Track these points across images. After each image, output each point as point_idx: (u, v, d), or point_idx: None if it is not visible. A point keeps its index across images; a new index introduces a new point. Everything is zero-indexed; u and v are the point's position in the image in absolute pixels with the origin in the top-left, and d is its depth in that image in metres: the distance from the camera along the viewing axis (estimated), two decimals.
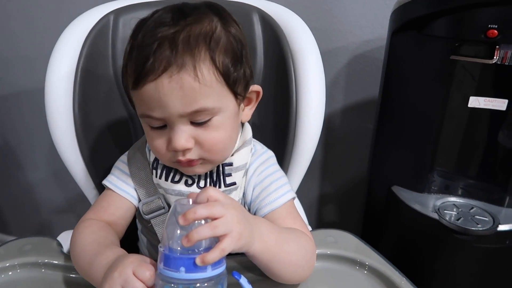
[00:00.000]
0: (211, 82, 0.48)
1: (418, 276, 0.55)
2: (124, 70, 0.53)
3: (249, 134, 0.60)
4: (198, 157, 0.52)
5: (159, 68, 0.46)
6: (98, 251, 0.48)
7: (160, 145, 0.52)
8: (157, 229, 0.59)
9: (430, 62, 0.75)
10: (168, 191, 0.58)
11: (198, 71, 0.47)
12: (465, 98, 0.74)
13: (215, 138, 0.51)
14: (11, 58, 1.29)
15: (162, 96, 0.47)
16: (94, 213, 0.57)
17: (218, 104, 0.50)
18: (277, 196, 0.57)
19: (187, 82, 0.47)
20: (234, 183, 0.57)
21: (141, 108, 0.51)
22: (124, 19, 0.72)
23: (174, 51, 0.46)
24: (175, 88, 0.47)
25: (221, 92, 0.50)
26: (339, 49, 1.03)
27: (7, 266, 0.53)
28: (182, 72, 0.46)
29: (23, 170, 1.50)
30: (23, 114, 1.38)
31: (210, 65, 0.48)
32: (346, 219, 1.24)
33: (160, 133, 0.52)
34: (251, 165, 0.59)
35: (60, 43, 0.69)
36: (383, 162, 0.89)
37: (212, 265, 0.40)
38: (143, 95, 0.48)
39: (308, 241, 0.52)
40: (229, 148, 0.56)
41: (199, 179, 0.58)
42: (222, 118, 0.51)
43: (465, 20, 0.68)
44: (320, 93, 0.71)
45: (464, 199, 0.84)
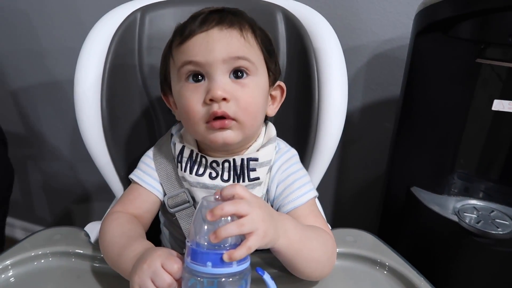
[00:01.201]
0: (253, 44, 0.56)
1: (436, 278, 0.55)
2: (168, 44, 0.59)
3: (273, 132, 0.62)
4: (233, 115, 0.53)
5: (212, 23, 0.53)
6: (126, 243, 0.50)
7: (195, 101, 0.53)
8: (181, 223, 0.60)
9: (455, 64, 0.74)
10: (192, 184, 0.59)
11: (244, 33, 0.54)
12: (489, 101, 0.73)
13: (250, 97, 0.54)
14: (34, 50, 1.32)
15: (210, 41, 0.52)
16: (121, 206, 0.59)
17: (257, 63, 0.55)
18: (300, 194, 0.58)
19: (235, 35, 0.54)
20: (257, 178, 0.58)
21: (183, 57, 0.54)
22: (151, 16, 0.73)
23: (223, 17, 0.54)
24: (224, 37, 0.53)
25: (259, 58, 0.56)
26: (359, 47, 1.03)
27: (39, 254, 0.55)
28: (231, 28, 0.54)
29: (45, 160, 1.53)
30: (45, 105, 1.41)
31: (252, 35, 0.56)
32: (363, 219, 1.24)
33: (197, 88, 0.54)
34: (275, 163, 0.61)
35: (89, 39, 0.70)
36: (403, 162, 0.89)
37: (237, 261, 0.41)
38: (190, 44, 0.53)
39: (329, 239, 0.54)
40: (258, 120, 0.58)
41: (222, 171, 0.58)
42: (257, 81, 0.56)
43: (491, 23, 0.68)
44: (342, 92, 0.71)
45: (485, 202, 0.83)
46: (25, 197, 1.66)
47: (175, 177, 0.61)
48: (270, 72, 0.58)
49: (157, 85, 0.75)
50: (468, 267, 0.81)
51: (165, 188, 0.61)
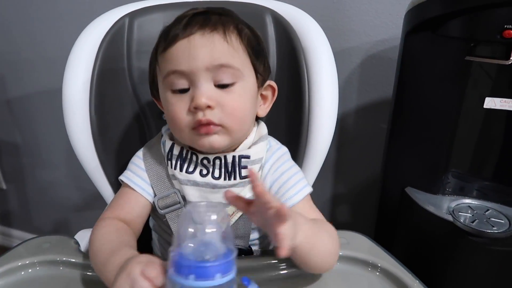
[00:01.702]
0: (238, 48, 0.54)
1: (431, 279, 0.55)
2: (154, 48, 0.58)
3: (264, 130, 0.62)
4: (219, 121, 0.53)
5: (194, 27, 0.52)
6: (112, 252, 0.49)
7: (180, 109, 0.54)
8: (172, 224, 0.60)
9: (445, 62, 0.74)
10: (183, 181, 0.58)
11: (227, 36, 0.53)
12: (481, 99, 0.73)
13: (236, 103, 0.54)
14: (30, 59, 1.32)
15: (192, 49, 0.52)
16: (111, 212, 0.58)
17: (242, 69, 0.54)
18: (296, 190, 0.58)
19: (218, 40, 0.52)
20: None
21: (167, 67, 0.54)
22: (139, 21, 0.73)
23: (207, 20, 0.53)
24: (206, 43, 0.52)
25: (245, 62, 0.55)
26: (352, 49, 1.03)
27: (27, 264, 0.55)
28: (214, 33, 0.52)
29: (41, 169, 1.53)
30: (42, 114, 1.41)
31: (237, 37, 0.54)
32: (359, 220, 1.23)
33: (181, 97, 0.54)
34: (267, 161, 0.60)
35: (77, 45, 0.70)
36: (397, 163, 0.89)
37: (222, 272, 0.39)
38: (173, 51, 0.53)
39: (334, 230, 0.54)
40: (247, 124, 0.58)
41: (213, 169, 0.58)
42: (243, 86, 0.55)
43: (480, 20, 0.67)
44: (332, 93, 0.71)
45: (479, 201, 0.82)
46: (22, 207, 1.66)
47: (165, 177, 0.60)
48: (258, 74, 0.57)
49: (147, 90, 0.74)
50: (464, 266, 0.80)
51: (155, 189, 0.60)
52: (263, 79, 0.59)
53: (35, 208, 1.64)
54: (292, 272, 0.54)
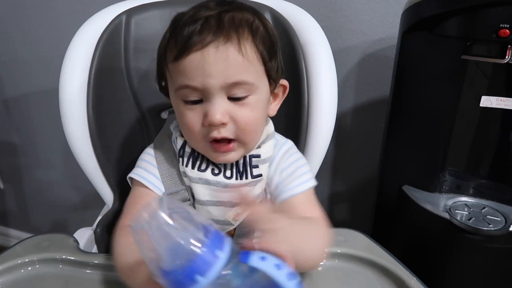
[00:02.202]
0: (253, 59, 0.51)
1: (428, 276, 0.56)
2: (164, 46, 0.54)
3: (271, 127, 0.62)
4: (233, 136, 0.53)
5: (206, 38, 0.49)
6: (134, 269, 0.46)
7: (194, 121, 0.53)
8: None
9: (441, 61, 0.74)
10: (193, 179, 0.58)
11: (242, 46, 0.50)
12: (477, 97, 0.73)
13: (250, 117, 0.53)
14: (27, 59, 1.32)
15: (206, 65, 0.49)
16: (130, 219, 0.57)
17: (256, 82, 0.52)
18: (300, 182, 0.58)
19: (232, 53, 0.50)
20: (260, 174, 0.58)
21: (180, 79, 0.52)
22: (136, 19, 0.73)
23: (221, 26, 0.50)
24: (220, 58, 0.49)
25: (260, 72, 0.53)
26: (350, 48, 1.03)
27: (26, 262, 0.55)
28: (228, 44, 0.49)
29: (38, 169, 1.53)
30: (39, 114, 1.40)
31: (252, 44, 0.51)
32: (356, 218, 1.24)
33: (194, 109, 0.52)
34: (275, 156, 0.61)
35: (74, 44, 0.70)
36: (394, 161, 0.89)
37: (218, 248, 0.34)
38: (186, 64, 0.50)
39: (325, 230, 0.53)
40: (259, 133, 0.58)
41: (225, 168, 0.58)
42: (257, 98, 0.53)
43: (476, 19, 0.68)
44: (332, 91, 0.71)
45: (476, 199, 0.83)
46: (19, 206, 1.65)
47: (176, 174, 0.60)
48: (271, 79, 0.56)
49: (145, 88, 0.75)
50: (460, 264, 0.80)
51: (165, 185, 0.59)
52: (276, 82, 0.58)
53: (32, 208, 1.64)
54: None
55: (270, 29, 0.56)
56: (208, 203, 0.59)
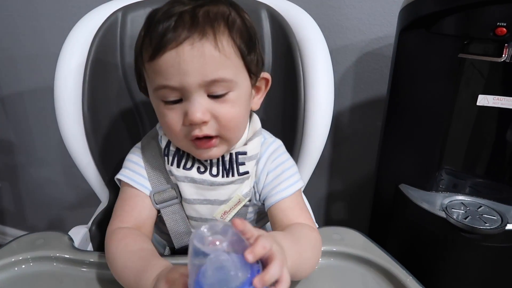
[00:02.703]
0: (230, 53, 0.50)
1: (425, 275, 0.56)
2: (139, 46, 0.53)
3: (258, 124, 0.61)
4: (215, 133, 0.52)
5: (181, 35, 0.47)
6: (142, 269, 0.47)
7: (174, 121, 0.52)
8: (166, 219, 0.60)
9: (439, 60, 0.74)
10: (179, 178, 0.58)
11: (219, 41, 0.48)
12: (474, 96, 0.73)
13: (231, 113, 0.52)
14: (19, 57, 1.32)
15: (182, 63, 0.47)
16: (120, 221, 0.56)
17: (235, 78, 0.51)
18: (288, 184, 0.58)
19: (208, 50, 0.48)
20: (247, 172, 0.58)
21: (157, 79, 0.50)
22: (132, 16, 0.73)
23: (195, 21, 0.48)
24: (196, 55, 0.47)
25: (238, 67, 0.52)
26: (347, 46, 1.03)
27: (20, 260, 0.54)
28: (203, 40, 0.48)
29: (35, 167, 1.52)
30: (35, 112, 1.40)
31: (229, 38, 0.50)
32: (353, 217, 1.24)
33: (174, 109, 0.51)
34: (263, 155, 0.60)
35: (69, 41, 0.69)
36: (391, 160, 0.89)
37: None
38: (162, 64, 0.48)
39: (317, 239, 0.54)
40: (242, 128, 0.57)
41: (211, 166, 0.58)
42: (237, 94, 0.52)
43: (473, 18, 0.68)
44: (328, 89, 0.71)
45: (472, 198, 0.83)
46: (16, 205, 1.65)
47: (163, 173, 0.59)
48: (251, 73, 0.55)
49: None
50: (456, 262, 0.81)
51: (152, 184, 0.59)
52: (256, 75, 0.57)
53: (29, 206, 1.63)
54: None
55: (247, 21, 0.54)
56: (195, 201, 0.59)
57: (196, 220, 0.60)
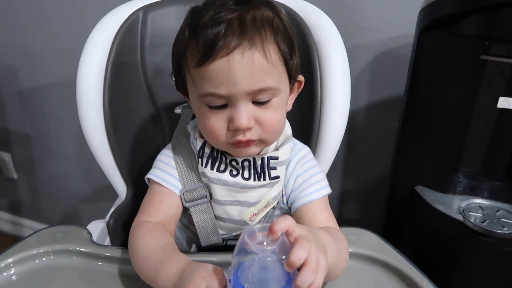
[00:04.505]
0: (276, 61, 0.51)
1: (440, 278, 0.55)
2: (183, 48, 0.52)
3: (289, 130, 0.62)
4: (257, 138, 0.53)
5: (231, 43, 0.47)
6: (163, 259, 0.48)
7: (218, 126, 0.52)
8: (194, 218, 0.60)
9: (459, 61, 0.73)
10: (212, 180, 0.58)
11: (266, 50, 0.49)
12: (495, 98, 0.72)
13: (274, 118, 0.53)
14: (36, 52, 1.34)
15: (232, 72, 0.48)
16: (147, 215, 0.58)
17: (279, 85, 0.52)
18: (317, 188, 0.59)
19: (257, 59, 0.49)
20: (278, 176, 0.59)
21: (204, 86, 0.50)
22: (153, 15, 0.74)
23: (245, 29, 0.48)
24: (246, 64, 0.48)
25: (282, 73, 0.53)
26: (364, 46, 1.02)
27: (41, 252, 0.56)
28: (253, 49, 0.48)
29: (53, 160, 1.55)
30: (53, 106, 1.42)
31: (274, 46, 0.50)
32: (367, 218, 1.23)
33: (219, 113, 0.52)
34: (292, 159, 0.62)
35: (92, 38, 0.71)
36: (407, 161, 0.88)
37: None
38: (211, 71, 0.49)
39: (346, 240, 0.54)
40: (281, 131, 0.58)
41: (243, 169, 0.59)
42: (280, 99, 0.53)
43: (496, 19, 0.67)
44: (345, 90, 0.71)
45: (490, 201, 0.82)
46: (33, 197, 1.68)
47: (194, 172, 0.60)
48: (291, 79, 0.56)
49: (159, 83, 0.75)
50: (473, 267, 0.79)
51: (183, 182, 0.60)
52: (295, 79, 0.58)
53: (45, 198, 1.66)
54: None
55: (288, 25, 0.55)
56: (225, 202, 0.59)
57: (224, 220, 0.61)
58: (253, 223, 0.60)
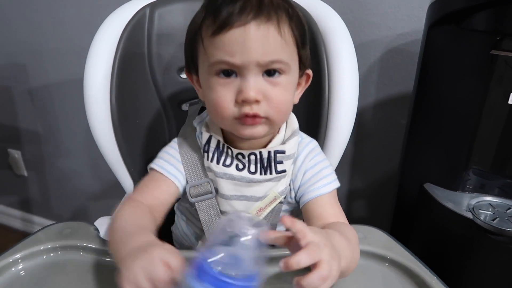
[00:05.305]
0: (289, 40, 0.53)
1: (449, 277, 0.54)
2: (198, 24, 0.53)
3: (296, 124, 0.62)
4: (264, 115, 0.53)
5: (249, 15, 0.49)
6: (133, 233, 0.48)
7: (225, 97, 0.52)
8: (200, 213, 0.61)
9: (469, 57, 0.72)
10: (218, 174, 0.59)
11: (281, 28, 0.51)
12: (506, 94, 0.71)
13: (282, 96, 0.54)
14: (46, 50, 1.35)
15: (247, 41, 0.49)
16: (139, 194, 0.58)
17: (290, 62, 0.53)
18: (326, 182, 0.59)
19: (272, 33, 0.50)
20: (284, 170, 0.59)
21: (217, 54, 0.51)
22: (160, 12, 0.74)
23: (262, 6, 0.50)
24: (261, 36, 0.50)
25: (293, 55, 0.54)
26: (372, 42, 1.01)
27: (48, 248, 0.56)
28: (269, 24, 0.50)
29: (61, 158, 1.56)
30: (62, 103, 1.43)
31: (289, 28, 0.52)
32: (375, 215, 1.22)
33: (227, 85, 0.52)
34: (300, 154, 0.61)
35: (99, 35, 0.71)
36: (416, 158, 0.87)
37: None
38: (226, 39, 0.50)
39: (357, 237, 0.53)
40: (288, 115, 0.59)
41: (249, 164, 0.58)
42: (289, 79, 0.54)
43: (507, 13, 0.65)
44: (353, 87, 0.71)
45: (501, 199, 0.80)
46: (42, 194, 1.70)
47: (200, 167, 0.61)
48: (301, 64, 0.57)
49: (166, 79, 0.75)
50: (483, 265, 0.78)
51: (189, 177, 0.60)
52: (305, 68, 0.59)
53: (54, 195, 1.68)
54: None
55: (302, 18, 0.56)
56: (232, 197, 0.59)
57: None
58: (260, 218, 0.60)
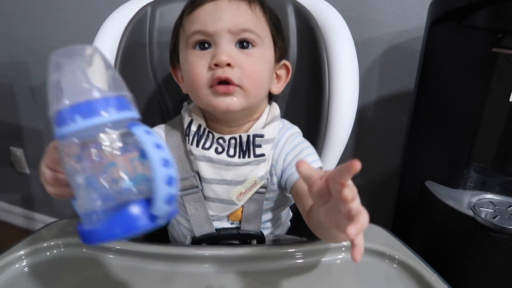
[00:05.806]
0: (261, 18, 0.58)
1: (449, 274, 0.54)
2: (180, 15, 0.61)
3: (277, 110, 0.64)
4: (238, 82, 0.55)
5: None
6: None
7: (200, 66, 0.56)
8: (188, 207, 0.62)
9: (470, 54, 0.72)
10: (198, 157, 0.60)
11: (252, 6, 0.57)
12: (507, 92, 0.71)
13: (255, 66, 0.56)
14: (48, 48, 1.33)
15: (219, 11, 0.55)
16: None
17: (263, 36, 0.57)
18: (310, 161, 0.60)
19: (243, 7, 0.56)
20: (263, 154, 0.60)
21: (193, 26, 0.56)
22: (161, 10, 0.74)
23: None
24: (232, 7, 0.56)
25: (266, 32, 0.59)
26: (373, 39, 1.01)
27: (52, 245, 0.57)
28: (240, 0, 0.56)
29: None
30: None
31: (261, 9, 0.58)
32: (376, 213, 1.21)
33: (202, 56, 0.56)
34: (281, 138, 0.63)
35: (100, 34, 0.72)
36: (417, 156, 0.87)
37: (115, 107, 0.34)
38: (200, 13, 0.56)
39: None
40: (262, 89, 0.60)
41: (228, 147, 0.60)
42: (262, 53, 0.57)
43: (508, 10, 0.65)
44: (353, 84, 0.71)
45: (502, 197, 0.80)
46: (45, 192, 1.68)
47: (185, 158, 0.62)
48: (276, 47, 0.60)
49: (168, 78, 0.75)
50: (483, 262, 0.78)
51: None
52: (280, 54, 0.62)
53: None
54: (308, 262, 0.54)
55: (276, 14, 0.62)
56: (212, 181, 0.61)
57: (212, 200, 0.62)
58: (241, 202, 0.61)
